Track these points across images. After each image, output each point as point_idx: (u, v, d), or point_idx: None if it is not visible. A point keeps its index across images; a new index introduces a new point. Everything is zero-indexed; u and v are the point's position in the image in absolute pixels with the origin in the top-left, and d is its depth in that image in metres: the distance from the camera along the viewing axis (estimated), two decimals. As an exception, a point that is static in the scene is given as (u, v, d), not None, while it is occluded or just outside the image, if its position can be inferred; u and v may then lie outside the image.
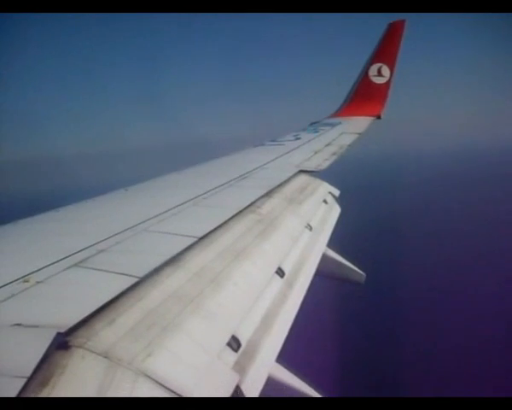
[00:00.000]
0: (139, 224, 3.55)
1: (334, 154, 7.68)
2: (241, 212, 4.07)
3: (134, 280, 2.42)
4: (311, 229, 4.43)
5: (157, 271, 2.60)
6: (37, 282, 2.42)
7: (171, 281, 2.56)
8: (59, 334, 1.83)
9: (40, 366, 1.62)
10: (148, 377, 1.76)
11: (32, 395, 1.48)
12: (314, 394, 3.04)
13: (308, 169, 6.46)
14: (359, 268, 6.12)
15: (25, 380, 1.53)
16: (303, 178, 6.05)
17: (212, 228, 3.45)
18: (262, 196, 4.69)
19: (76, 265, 2.68)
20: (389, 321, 41.38)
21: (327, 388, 3.28)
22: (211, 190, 4.84)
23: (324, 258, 4.49)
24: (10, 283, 2.39)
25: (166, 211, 3.94)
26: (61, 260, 2.74)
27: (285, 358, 2.88)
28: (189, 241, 3.13)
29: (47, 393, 1.50)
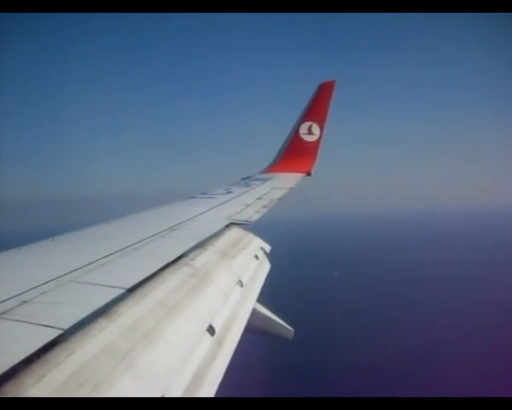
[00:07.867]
0: (65, 274, 3.42)
1: (264, 207, 7.85)
2: (174, 263, 4.03)
3: (59, 332, 2.33)
4: (242, 285, 4.45)
5: (84, 323, 2.52)
6: None
7: (104, 335, 2.49)
8: None
9: None
10: None
11: None
12: None
13: (239, 221, 6.54)
14: (288, 324, 6.15)
15: None
16: (235, 231, 6.12)
17: (140, 279, 3.39)
18: (194, 248, 4.66)
19: None
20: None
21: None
22: (140, 241, 4.72)
23: (254, 314, 4.49)
24: None
25: (94, 262, 3.81)
26: None
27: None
28: (118, 292, 3.06)
29: None
